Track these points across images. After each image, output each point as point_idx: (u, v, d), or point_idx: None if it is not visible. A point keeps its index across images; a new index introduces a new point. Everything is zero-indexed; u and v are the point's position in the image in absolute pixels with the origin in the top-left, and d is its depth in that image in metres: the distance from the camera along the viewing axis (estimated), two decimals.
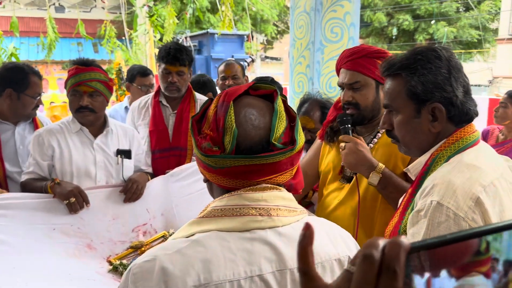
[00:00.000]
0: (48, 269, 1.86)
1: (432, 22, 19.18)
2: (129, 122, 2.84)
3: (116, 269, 2.03)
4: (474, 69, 18.16)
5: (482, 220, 1.11)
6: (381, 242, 0.41)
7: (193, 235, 0.90)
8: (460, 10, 20.47)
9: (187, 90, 2.75)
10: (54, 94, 11.43)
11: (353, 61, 1.75)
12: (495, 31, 20.71)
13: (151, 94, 2.84)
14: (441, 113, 1.23)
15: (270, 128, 0.92)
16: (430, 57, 1.23)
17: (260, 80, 2.88)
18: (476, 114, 1.27)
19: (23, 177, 2.27)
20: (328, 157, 1.97)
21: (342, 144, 1.73)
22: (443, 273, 0.41)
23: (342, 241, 0.99)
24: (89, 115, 2.25)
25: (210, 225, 0.90)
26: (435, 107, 1.23)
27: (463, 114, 1.25)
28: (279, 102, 0.96)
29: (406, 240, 0.40)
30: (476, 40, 19.73)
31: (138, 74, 3.70)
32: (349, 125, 1.77)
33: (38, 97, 2.48)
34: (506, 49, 18.47)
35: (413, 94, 1.24)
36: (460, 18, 19.69)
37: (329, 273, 0.92)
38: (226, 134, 0.90)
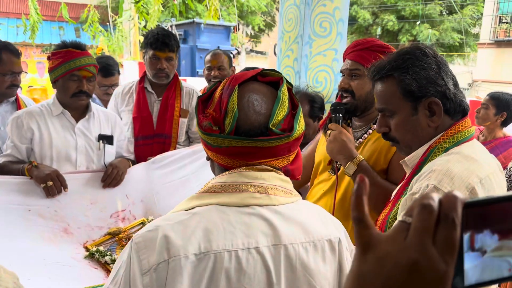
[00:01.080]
0: (22, 253, 1.81)
1: (418, 23, 19.42)
2: (112, 107, 2.77)
3: (93, 256, 1.99)
4: (454, 72, 18.24)
5: None
6: (437, 195, 0.43)
7: (193, 208, 0.94)
8: (444, 13, 20.77)
9: (173, 77, 2.70)
10: (33, 78, 11.13)
11: (356, 52, 1.82)
12: (476, 36, 21.10)
13: (136, 80, 2.78)
14: (438, 106, 1.26)
15: (271, 114, 0.96)
16: (417, 55, 1.27)
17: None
18: (468, 106, 1.30)
19: (0, 160, 2.20)
20: (322, 148, 2.00)
21: (329, 132, 1.78)
22: (486, 230, 0.43)
23: (333, 224, 1.03)
24: (86, 99, 2.24)
25: (210, 199, 0.93)
26: (432, 102, 1.26)
27: (457, 105, 1.28)
28: (283, 89, 1.00)
29: (462, 194, 0.42)
30: (457, 44, 20.09)
31: (100, 73, 3.21)
32: (340, 115, 1.81)
33: (13, 75, 2.38)
34: (486, 54, 18.85)
35: (408, 92, 1.27)
36: (443, 21, 19.99)
37: (320, 252, 0.96)
38: (227, 116, 0.94)
